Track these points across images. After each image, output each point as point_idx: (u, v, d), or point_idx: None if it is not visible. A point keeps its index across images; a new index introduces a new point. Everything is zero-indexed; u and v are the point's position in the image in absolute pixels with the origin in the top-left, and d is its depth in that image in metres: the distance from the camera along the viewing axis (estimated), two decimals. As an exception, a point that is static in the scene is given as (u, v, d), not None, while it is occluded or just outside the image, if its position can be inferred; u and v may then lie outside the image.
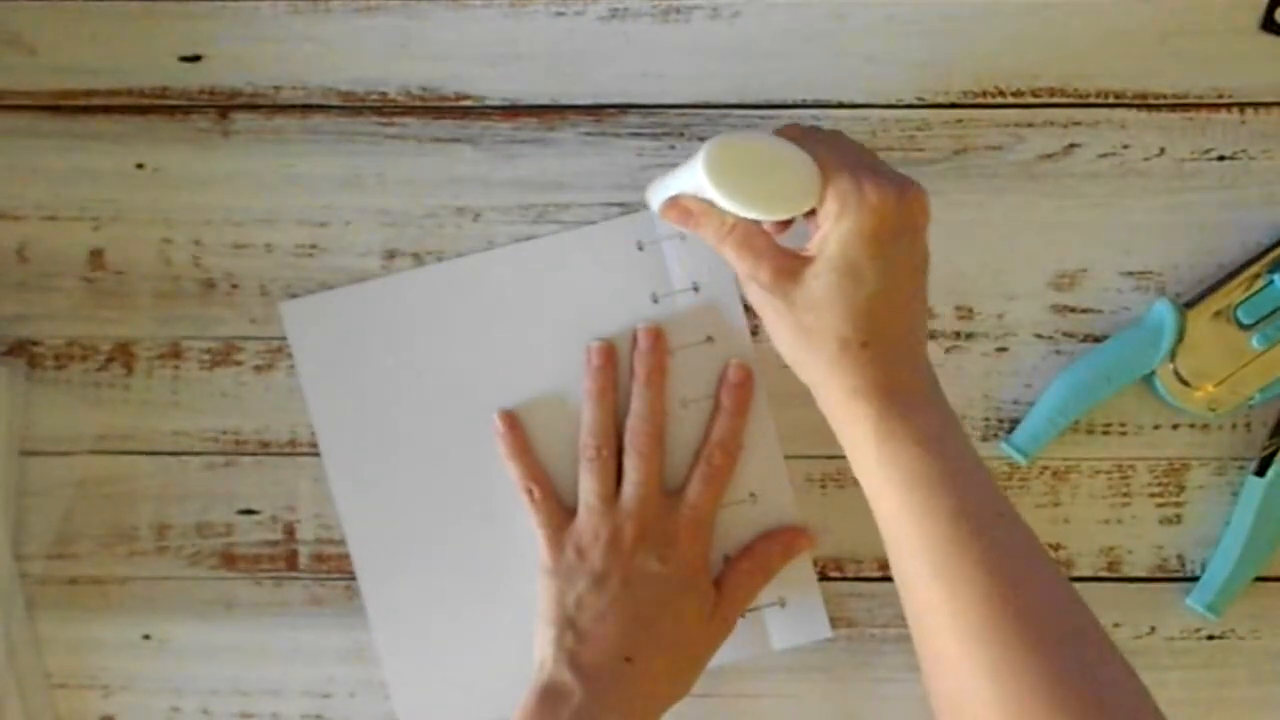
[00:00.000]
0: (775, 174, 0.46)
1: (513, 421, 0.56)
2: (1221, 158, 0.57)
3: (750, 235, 0.48)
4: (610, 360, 0.55)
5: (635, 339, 0.55)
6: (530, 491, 0.55)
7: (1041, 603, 0.43)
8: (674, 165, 0.51)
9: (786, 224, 0.50)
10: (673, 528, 0.53)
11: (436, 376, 0.57)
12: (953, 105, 0.57)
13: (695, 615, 0.52)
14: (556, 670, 0.50)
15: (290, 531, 0.57)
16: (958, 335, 0.57)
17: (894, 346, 0.46)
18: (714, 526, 0.55)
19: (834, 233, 0.45)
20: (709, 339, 0.56)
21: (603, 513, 0.53)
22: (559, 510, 0.55)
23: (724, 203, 0.46)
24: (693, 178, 0.48)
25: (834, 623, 0.57)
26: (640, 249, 0.57)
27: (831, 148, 0.47)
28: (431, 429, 0.57)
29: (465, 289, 0.57)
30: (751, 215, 0.47)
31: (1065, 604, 0.44)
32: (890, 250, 0.45)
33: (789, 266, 0.47)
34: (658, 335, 0.55)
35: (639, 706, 0.50)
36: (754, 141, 0.48)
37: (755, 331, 0.56)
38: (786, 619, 0.56)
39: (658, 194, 0.51)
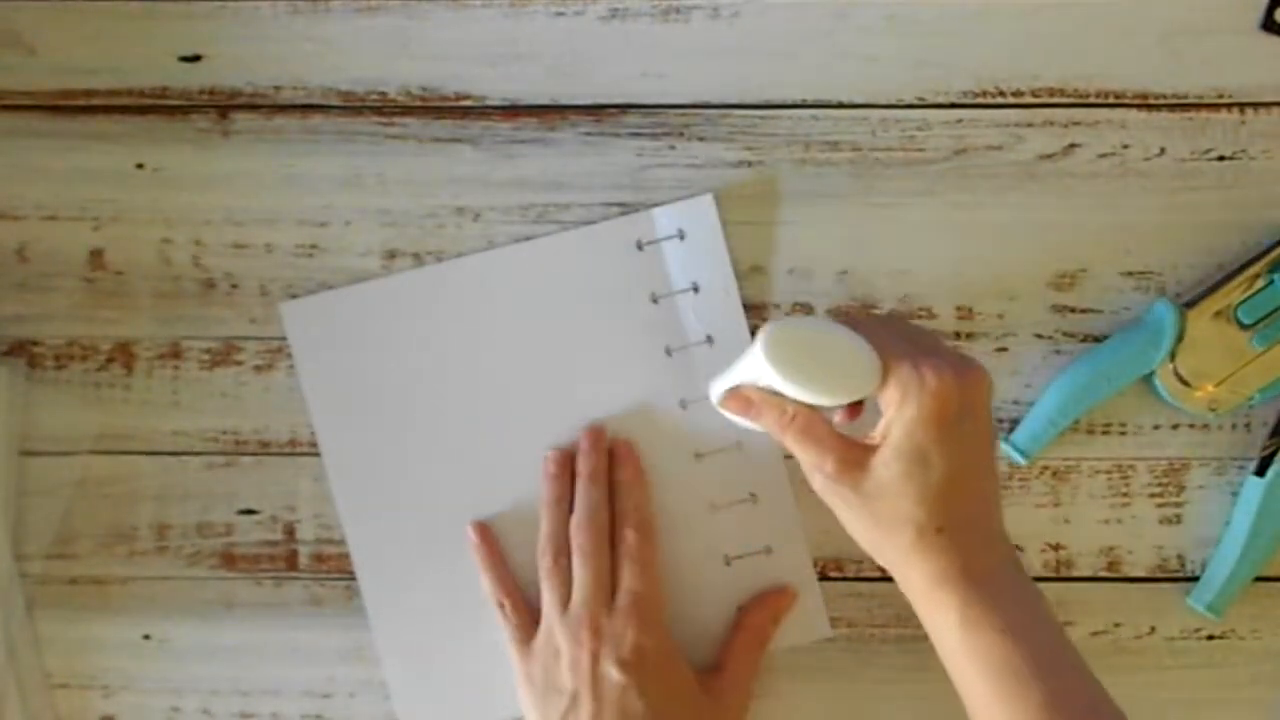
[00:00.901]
0: (834, 359, 0.46)
1: (485, 532, 0.56)
2: (1221, 158, 0.57)
3: (812, 424, 0.47)
4: (566, 468, 0.55)
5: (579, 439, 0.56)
6: (502, 605, 0.55)
7: None
8: (673, 167, 0.50)
9: (852, 410, 0.50)
10: (620, 626, 0.52)
11: (436, 376, 0.57)
12: (953, 105, 0.57)
13: (681, 709, 0.52)
14: None
15: (290, 531, 0.57)
16: (958, 335, 0.57)
17: (970, 528, 0.46)
18: (663, 606, 0.54)
19: (898, 420, 0.45)
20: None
21: (560, 627, 0.53)
22: (529, 623, 0.54)
23: (784, 387, 0.46)
24: (752, 367, 0.48)
25: (834, 623, 0.57)
26: (640, 249, 0.57)
27: (889, 331, 0.47)
28: (431, 429, 0.57)
29: (465, 289, 0.57)
30: (812, 400, 0.46)
31: None
32: (955, 433, 0.45)
33: (854, 456, 0.46)
34: (598, 435, 0.56)
35: None
36: (811, 327, 0.48)
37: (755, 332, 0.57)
38: (787, 619, 0.56)
39: (718, 387, 0.50)
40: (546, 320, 0.57)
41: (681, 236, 0.56)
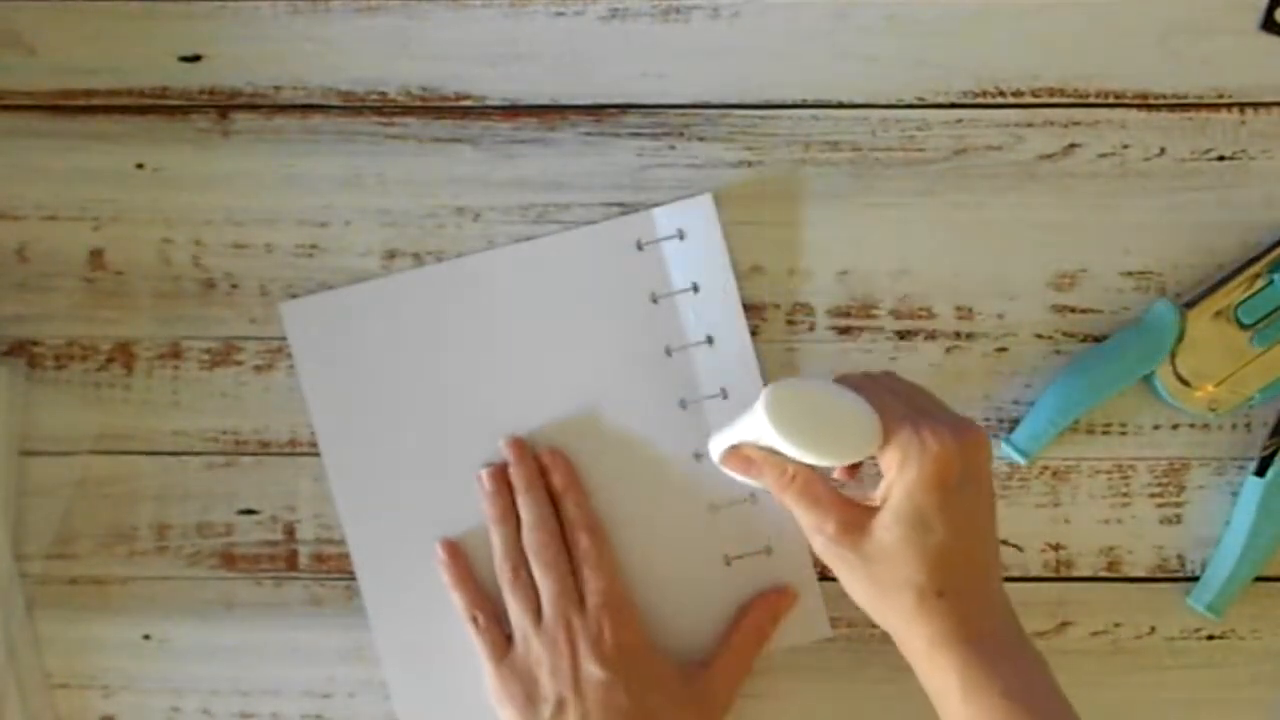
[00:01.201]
0: (835, 420, 0.47)
1: (454, 550, 0.56)
2: (1221, 158, 0.57)
3: (811, 483, 0.48)
4: (503, 483, 0.55)
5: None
6: (475, 620, 0.55)
7: None
8: (673, 167, 0.50)
9: (851, 469, 0.51)
10: (595, 625, 0.52)
11: (436, 376, 0.57)
12: (953, 105, 0.57)
13: (665, 701, 0.52)
14: None
15: (290, 531, 0.57)
16: (958, 335, 0.57)
17: (971, 593, 0.46)
18: (634, 607, 0.54)
19: (898, 483, 0.46)
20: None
21: (536, 637, 0.53)
22: (502, 639, 0.54)
23: (785, 446, 0.46)
24: (753, 426, 0.48)
25: (834, 623, 0.57)
26: (640, 249, 0.57)
27: (889, 393, 0.48)
28: (431, 428, 0.57)
29: (465, 289, 0.57)
30: (812, 460, 0.47)
31: None
32: (956, 497, 0.46)
33: (855, 519, 0.47)
34: (520, 446, 0.56)
35: None
36: (812, 388, 0.48)
37: (755, 332, 0.57)
38: (787, 619, 0.56)
39: (718, 445, 0.51)
40: (546, 320, 0.57)
41: (681, 236, 0.56)
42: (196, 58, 0.58)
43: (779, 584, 0.56)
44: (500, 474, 0.56)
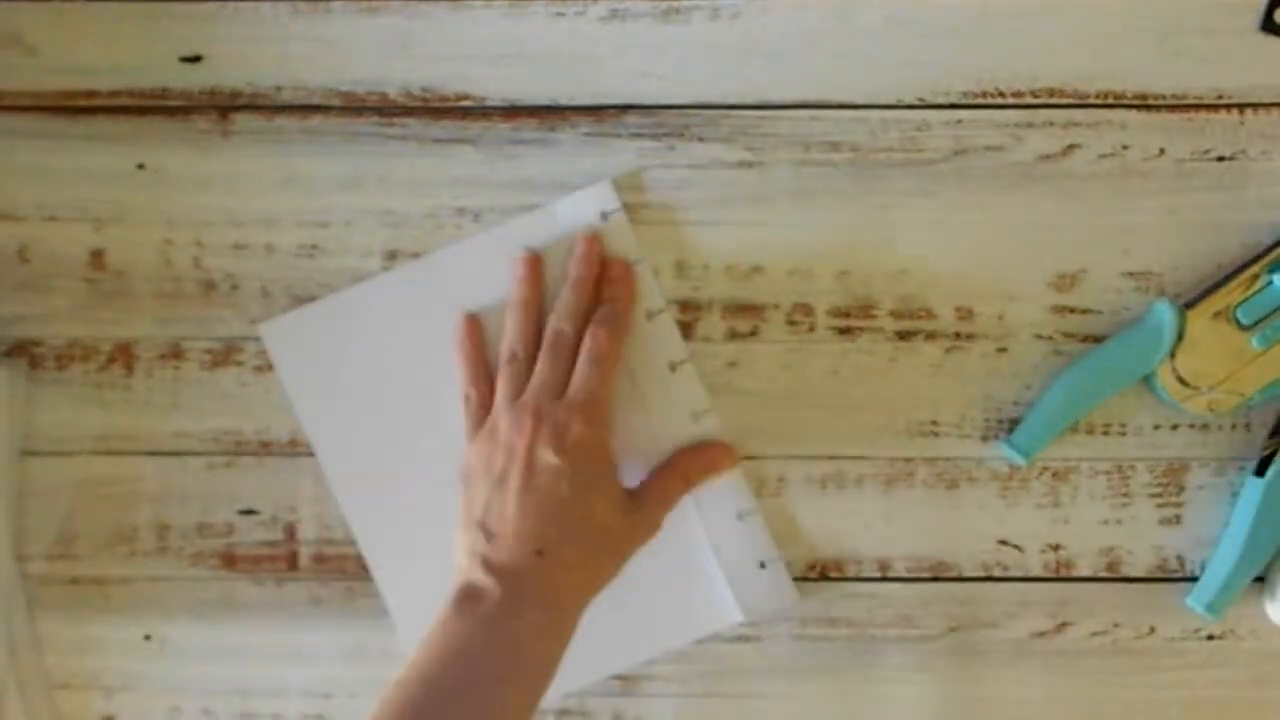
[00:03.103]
0: None
1: (473, 325, 0.56)
2: (1221, 158, 0.57)
3: None
4: (537, 271, 0.56)
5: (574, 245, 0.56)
6: (468, 398, 0.55)
7: None
8: (673, 167, 0.50)
9: None
10: (565, 416, 0.52)
11: (423, 371, 0.57)
12: (953, 105, 0.57)
13: (605, 504, 0.52)
14: (470, 573, 0.50)
15: (291, 532, 0.57)
16: (958, 335, 0.57)
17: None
18: (609, 412, 0.54)
19: None
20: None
21: (506, 414, 0.53)
22: (483, 419, 0.55)
23: None
24: None
25: (834, 623, 0.57)
26: (604, 219, 0.56)
27: None
28: (426, 425, 0.57)
29: (439, 283, 0.57)
30: None
31: None
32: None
33: None
34: (592, 243, 0.56)
35: (558, 597, 0.50)
36: None
37: (754, 332, 0.57)
38: (754, 588, 0.56)
39: None
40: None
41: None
42: (197, 58, 0.58)
43: (720, 443, 0.56)
44: (537, 264, 0.56)
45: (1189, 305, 0.55)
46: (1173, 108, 0.57)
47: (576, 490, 0.51)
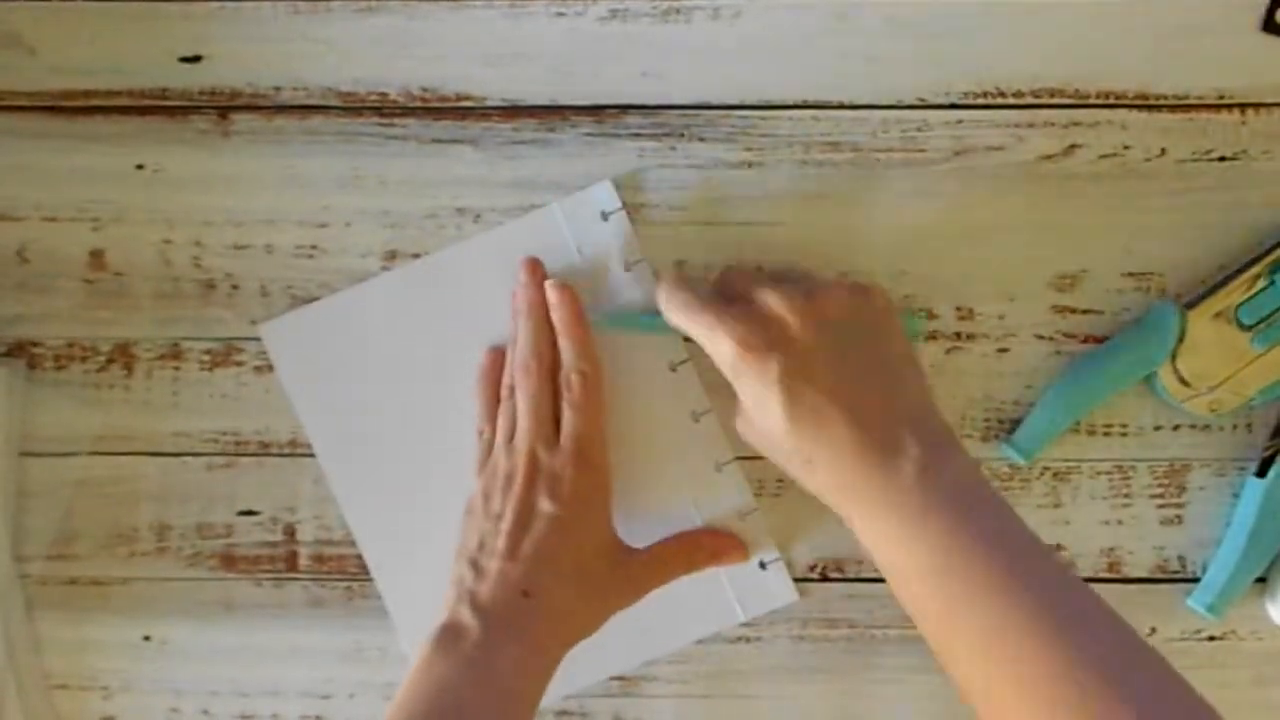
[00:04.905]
0: None
1: (495, 361, 0.56)
2: (1222, 158, 0.57)
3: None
4: (539, 274, 0.56)
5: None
6: (480, 433, 0.55)
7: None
8: (673, 167, 0.50)
9: None
10: (560, 463, 0.52)
11: (423, 371, 0.57)
12: (953, 105, 0.57)
13: (595, 552, 0.52)
14: (456, 609, 0.50)
15: (290, 532, 0.57)
16: (958, 335, 0.57)
17: (841, 458, 0.48)
18: (604, 460, 0.54)
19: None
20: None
21: (505, 453, 0.53)
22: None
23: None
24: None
25: (834, 623, 0.57)
26: (604, 219, 0.56)
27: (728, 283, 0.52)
28: (425, 425, 0.57)
29: (440, 283, 0.57)
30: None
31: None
32: (777, 369, 0.48)
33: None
34: (535, 267, 0.56)
35: (539, 641, 0.50)
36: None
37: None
38: (754, 588, 0.56)
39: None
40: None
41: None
42: (197, 58, 0.58)
43: (736, 537, 0.57)
44: (536, 267, 0.56)
45: (1190, 305, 0.55)
46: (1174, 108, 0.57)
47: (570, 537, 0.51)
